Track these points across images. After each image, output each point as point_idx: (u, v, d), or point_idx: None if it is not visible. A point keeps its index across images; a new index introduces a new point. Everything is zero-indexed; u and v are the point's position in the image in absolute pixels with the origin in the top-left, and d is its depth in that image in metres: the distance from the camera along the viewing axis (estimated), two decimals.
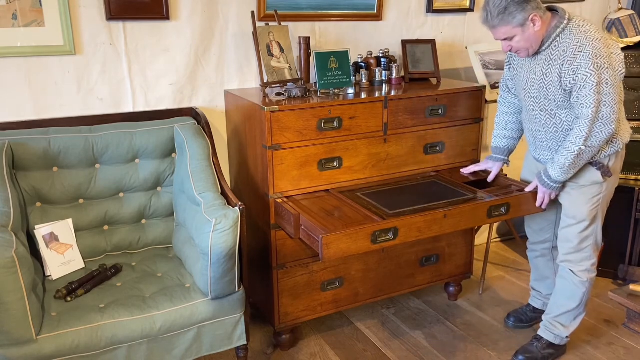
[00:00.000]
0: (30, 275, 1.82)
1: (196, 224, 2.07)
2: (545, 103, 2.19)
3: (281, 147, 2.26)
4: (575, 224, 2.28)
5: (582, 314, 2.42)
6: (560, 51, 2.08)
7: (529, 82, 2.23)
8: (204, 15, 2.56)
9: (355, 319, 2.80)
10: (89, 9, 2.36)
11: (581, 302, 2.37)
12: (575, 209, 2.27)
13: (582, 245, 2.31)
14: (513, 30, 2.06)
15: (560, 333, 2.42)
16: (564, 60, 2.06)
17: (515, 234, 3.39)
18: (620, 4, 3.40)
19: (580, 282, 2.33)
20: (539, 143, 2.32)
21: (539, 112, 2.23)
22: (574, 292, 2.36)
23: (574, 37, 2.05)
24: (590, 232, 2.30)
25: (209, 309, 2.04)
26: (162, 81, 2.56)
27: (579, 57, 2.02)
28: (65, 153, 2.27)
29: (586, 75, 2.01)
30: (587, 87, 2.02)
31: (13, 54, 2.27)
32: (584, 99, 2.04)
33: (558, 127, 2.20)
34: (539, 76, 2.17)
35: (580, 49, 2.02)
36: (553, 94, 2.14)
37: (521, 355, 2.44)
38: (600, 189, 2.24)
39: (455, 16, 3.16)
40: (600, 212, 2.31)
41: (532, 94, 2.23)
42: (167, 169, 2.44)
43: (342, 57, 2.51)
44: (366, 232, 2.00)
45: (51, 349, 1.81)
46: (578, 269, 2.33)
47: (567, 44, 2.06)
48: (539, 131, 2.28)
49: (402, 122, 2.49)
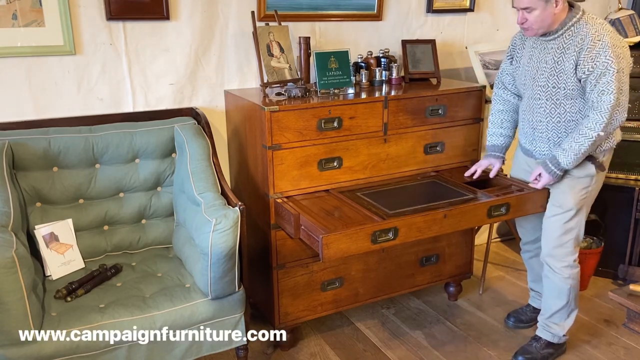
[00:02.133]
0: (30, 275, 1.82)
1: (196, 224, 2.07)
2: (553, 92, 2.21)
3: (281, 147, 2.26)
4: (562, 213, 2.30)
5: (574, 310, 2.43)
6: (577, 39, 2.11)
7: (539, 70, 2.24)
8: (204, 15, 2.56)
9: (355, 319, 2.80)
10: (89, 9, 2.36)
11: (569, 299, 2.38)
12: (564, 197, 2.29)
13: (564, 238, 2.32)
14: (537, 2, 2.08)
15: (556, 332, 2.43)
16: (581, 48, 2.09)
17: (515, 234, 3.38)
18: (620, 4, 3.40)
19: (563, 278, 2.35)
20: (537, 134, 2.33)
21: (544, 101, 2.25)
22: (560, 290, 2.37)
23: (590, 27, 2.10)
24: (573, 225, 2.31)
25: (209, 309, 2.04)
26: (162, 81, 2.56)
27: (598, 45, 2.06)
28: (65, 153, 2.27)
29: (607, 62, 2.05)
30: (607, 74, 2.05)
31: (13, 54, 2.27)
32: (604, 85, 2.06)
33: (561, 117, 2.22)
34: (550, 64, 2.19)
35: (599, 37, 2.07)
36: (564, 81, 2.16)
37: (520, 355, 2.44)
38: (590, 182, 2.27)
39: (455, 16, 3.16)
40: (586, 207, 2.33)
41: (540, 82, 2.24)
42: (167, 169, 2.44)
43: (342, 57, 2.51)
44: (366, 232, 2.00)
45: (51, 349, 1.80)
46: (560, 265, 2.34)
47: (584, 33, 2.10)
48: (540, 122, 2.29)
49: (402, 122, 2.49)
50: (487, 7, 3.23)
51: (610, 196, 2.62)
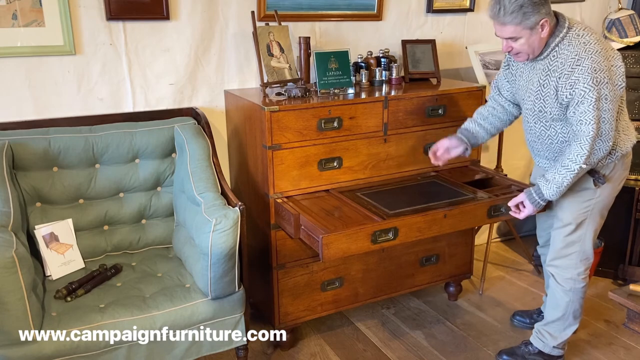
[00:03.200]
0: (30, 275, 1.82)
1: (196, 224, 2.07)
2: (540, 114, 2.11)
3: (281, 147, 2.26)
4: (562, 226, 2.22)
5: (572, 326, 2.33)
6: (558, 63, 1.99)
7: (526, 92, 2.15)
8: (203, 15, 2.56)
9: (355, 319, 2.80)
10: (89, 9, 2.36)
11: (566, 312, 2.29)
12: (562, 211, 2.21)
13: (566, 251, 2.24)
14: (522, 31, 1.95)
15: (547, 342, 2.35)
16: (561, 73, 1.97)
17: (515, 234, 3.39)
18: (620, 4, 3.40)
19: (563, 290, 2.27)
20: (535, 152, 2.28)
21: (533, 123, 2.17)
22: (557, 300, 2.30)
23: (572, 48, 1.95)
24: (576, 238, 2.21)
25: (209, 309, 2.04)
26: (162, 81, 2.56)
27: (576, 70, 1.93)
28: (65, 153, 2.27)
29: (585, 91, 1.91)
30: (585, 103, 1.92)
31: (13, 53, 2.27)
32: (582, 115, 1.94)
33: (553, 139, 2.14)
34: (536, 87, 2.09)
35: (578, 62, 1.93)
36: (550, 106, 2.05)
37: (505, 355, 2.42)
38: (592, 195, 2.16)
39: (455, 16, 3.16)
40: (591, 220, 2.20)
41: (528, 105, 2.16)
42: (167, 169, 2.44)
43: (342, 57, 2.51)
44: (366, 232, 2.00)
45: (51, 349, 1.80)
46: (562, 276, 2.26)
47: (565, 56, 1.97)
48: (535, 142, 2.22)
49: (402, 122, 2.49)
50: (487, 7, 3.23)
51: None
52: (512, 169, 2.80)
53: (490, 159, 3.29)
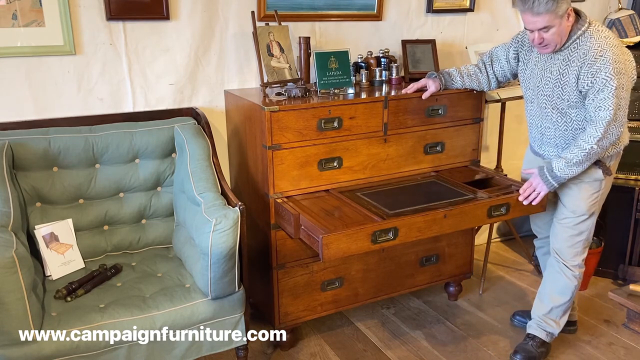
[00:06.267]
0: (30, 275, 1.82)
1: (196, 224, 2.07)
2: (557, 102, 2.22)
3: (281, 147, 2.26)
4: (574, 217, 2.34)
5: (569, 310, 2.48)
6: (580, 53, 2.11)
7: (543, 80, 2.25)
8: (203, 15, 2.56)
9: (355, 319, 2.80)
10: (89, 9, 2.36)
11: (572, 296, 2.43)
12: (575, 204, 2.32)
13: (576, 239, 2.37)
14: (554, 20, 2.04)
15: (552, 330, 2.46)
16: (583, 62, 2.09)
17: (515, 234, 3.39)
18: (620, 4, 3.40)
19: (573, 276, 2.40)
20: (545, 139, 2.35)
21: (550, 110, 2.26)
22: (566, 286, 2.41)
23: (594, 40, 2.08)
24: (585, 227, 2.36)
25: (209, 309, 2.04)
26: (162, 81, 2.56)
27: (599, 60, 2.06)
28: (65, 153, 2.27)
29: (606, 79, 2.04)
30: (605, 90, 2.05)
31: (13, 53, 2.27)
32: (602, 101, 2.07)
33: (568, 125, 2.24)
34: (555, 75, 2.20)
35: (601, 53, 2.06)
36: (568, 93, 2.17)
37: (519, 354, 2.44)
38: (600, 186, 2.30)
39: (455, 16, 3.16)
40: (597, 209, 2.37)
41: (545, 92, 2.25)
42: (167, 169, 2.44)
43: (342, 57, 2.51)
44: (366, 232, 2.00)
45: (51, 349, 1.80)
46: (571, 264, 2.39)
47: (587, 47, 2.09)
48: (549, 128, 2.31)
49: (402, 122, 2.49)
50: (487, 7, 3.24)
51: (610, 196, 2.60)
52: (512, 169, 2.80)
53: (490, 159, 3.30)
